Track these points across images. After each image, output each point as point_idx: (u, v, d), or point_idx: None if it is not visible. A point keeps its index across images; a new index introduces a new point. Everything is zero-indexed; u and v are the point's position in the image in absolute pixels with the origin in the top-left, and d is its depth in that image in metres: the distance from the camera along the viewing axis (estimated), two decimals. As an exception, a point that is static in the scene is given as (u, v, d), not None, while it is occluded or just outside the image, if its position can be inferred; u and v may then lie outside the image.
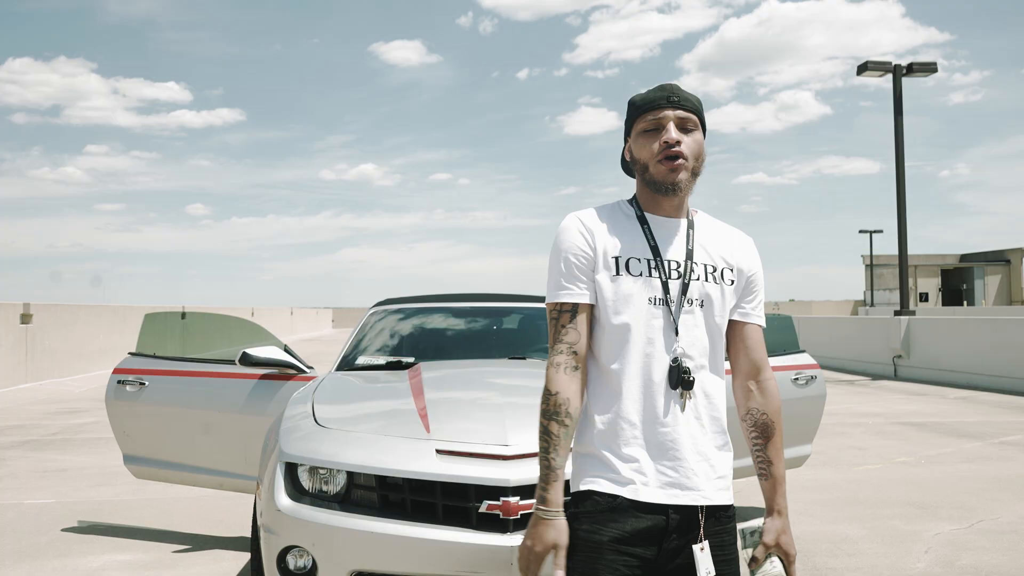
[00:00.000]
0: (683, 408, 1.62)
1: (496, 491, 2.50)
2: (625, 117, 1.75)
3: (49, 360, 14.78)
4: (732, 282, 1.70)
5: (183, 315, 4.86)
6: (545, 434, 1.62)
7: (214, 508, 5.15)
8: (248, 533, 4.57)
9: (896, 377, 14.44)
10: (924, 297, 56.52)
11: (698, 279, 1.66)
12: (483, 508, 2.50)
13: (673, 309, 1.63)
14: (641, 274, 1.64)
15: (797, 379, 4.63)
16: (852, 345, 16.48)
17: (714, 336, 1.67)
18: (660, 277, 1.64)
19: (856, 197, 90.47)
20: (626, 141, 1.75)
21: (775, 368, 4.56)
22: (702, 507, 1.62)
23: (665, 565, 1.61)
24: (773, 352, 4.76)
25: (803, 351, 4.83)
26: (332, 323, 56.08)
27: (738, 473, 4.49)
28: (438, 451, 2.65)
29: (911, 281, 56.54)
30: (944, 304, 55.28)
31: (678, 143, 1.63)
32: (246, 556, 4.16)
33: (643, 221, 1.69)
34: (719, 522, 1.65)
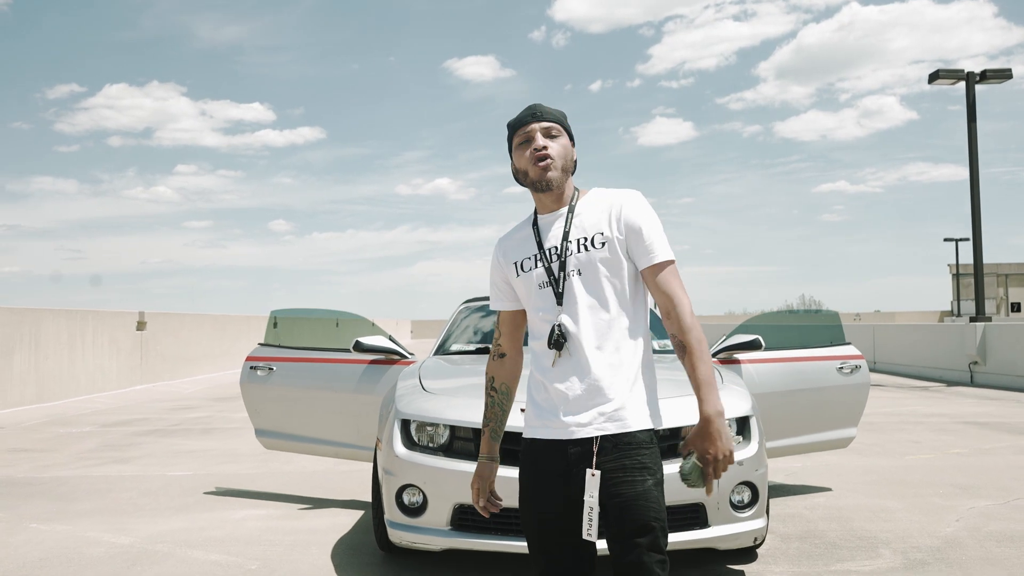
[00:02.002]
0: (570, 360, 1.97)
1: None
2: (507, 140, 2.11)
3: (160, 363, 16.14)
4: (604, 244, 1.99)
5: (307, 311, 5.71)
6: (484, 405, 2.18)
7: (326, 480, 5.96)
8: (359, 498, 5.36)
9: (972, 384, 14.42)
10: (1016, 307, 54.43)
11: (571, 254, 2.00)
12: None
13: (555, 285, 2.01)
14: (530, 269, 2.05)
15: (842, 368, 5.14)
16: (927, 352, 16.45)
17: (604, 294, 1.98)
18: (544, 264, 2.02)
19: (945, 204, 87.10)
20: (512, 159, 2.11)
21: (823, 358, 5.12)
22: (595, 439, 1.94)
23: (575, 493, 1.96)
24: (820, 344, 5.29)
25: (849, 343, 5.33)
26: (411, 333, 57.65)
27: (783, 451, 5.04)
28: (522, 409, 3.34)
29: (1002, 290, 54.48)
30: (1038, 314, 53.15)
31: (545, 147, 2.01)
32: (359, 513, 4.93)
33: (535, 224, 2.09)
34: (619, 448, 1.93)
